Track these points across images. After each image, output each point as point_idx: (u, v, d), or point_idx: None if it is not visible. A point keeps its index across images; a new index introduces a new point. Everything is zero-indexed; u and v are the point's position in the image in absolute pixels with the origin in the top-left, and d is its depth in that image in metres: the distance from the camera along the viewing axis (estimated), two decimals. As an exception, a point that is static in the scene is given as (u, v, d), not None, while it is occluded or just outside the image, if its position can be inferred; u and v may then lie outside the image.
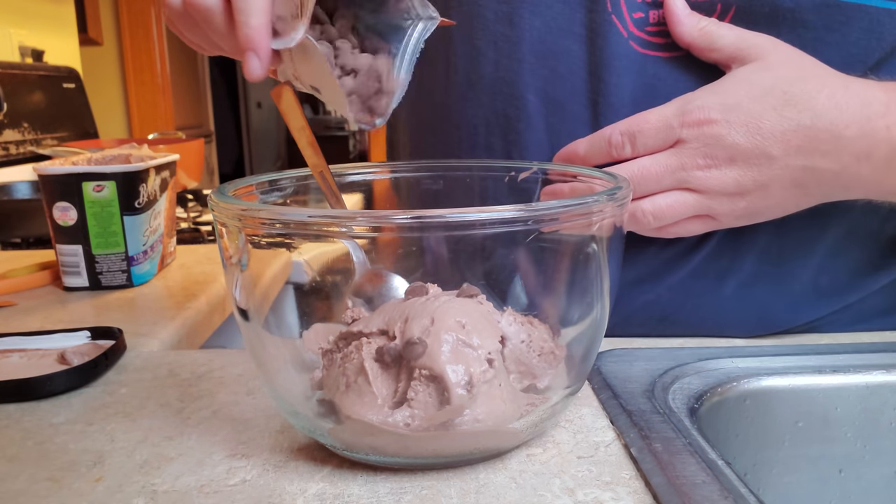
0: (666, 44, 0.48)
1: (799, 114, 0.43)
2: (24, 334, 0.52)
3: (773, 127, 0.43)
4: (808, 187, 0.44)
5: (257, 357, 0.37)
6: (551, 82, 0.50)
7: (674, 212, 0.45)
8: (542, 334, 0.37)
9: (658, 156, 0.45)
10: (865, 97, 0.43)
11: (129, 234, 0.69)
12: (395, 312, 0.35)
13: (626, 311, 0.53)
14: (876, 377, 0.45)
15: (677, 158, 0.44)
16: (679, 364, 0.45)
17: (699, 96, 0.44)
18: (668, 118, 0.44)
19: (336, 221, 0.31)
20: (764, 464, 0.45)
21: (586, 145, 0.48)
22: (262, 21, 0.34)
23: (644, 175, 0.45)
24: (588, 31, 0.49)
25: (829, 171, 0.43)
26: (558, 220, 0.32)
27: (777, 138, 0.43)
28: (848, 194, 0.46)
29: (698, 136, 0.44)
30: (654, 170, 0.45)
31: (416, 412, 0.32)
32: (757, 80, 0.44)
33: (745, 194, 0.44)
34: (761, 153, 0.43)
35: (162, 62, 3.17)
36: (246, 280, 0.35)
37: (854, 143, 0.43)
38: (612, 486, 0.32)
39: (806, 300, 0.52)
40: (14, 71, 1.59)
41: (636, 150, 0.45)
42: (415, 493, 0.32)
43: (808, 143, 0.43)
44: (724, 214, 0.46)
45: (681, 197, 0.45)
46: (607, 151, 0.46)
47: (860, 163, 0.43)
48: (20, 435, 0.39)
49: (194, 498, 0.32)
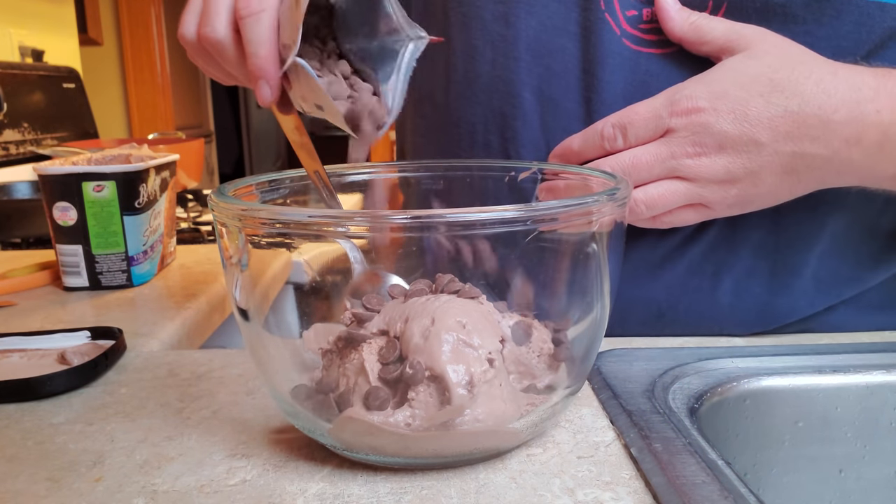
0: (658, 41, 0.49)
1: (786, 99, 0.43)
2: (24, 334, 0.52)
3: (761, 113, 0.43)
4: (800, 173, 0.45)
5: (257, 357, 0.37)
6: (546, 80, 0.51)
7: (665, 200, 0.46)
8: (542, 334, 0.37)
9: (648, 146, 0.46)
10: (854, 82, 0.43)
11: (129, 234, 0.69)
12: (395, 312, 0.35)
13: (624, 307, 0.53)
14: (876, 377, 0.45)
15: (667, 147, 0.45)
16: (679, 364, 0.45)
17: (687, 86, 0.45)
18: (657, 109, 0.45)
19: (336, 221, 0.31)
20: (764, 464, 0.45)
21: (580, 140, 0.48)
22: (270, 51, 0.37)
23: (635, 165, 0.45)
24: (582, 29, 0.50)
25: (819, 156, 0.44)
26: (558, 219, 0.32)
27: (765, 124, 0.43)
28: (841, 180, 0.46)
29: (687, 125, 0.44)
30: (645, 159, 0.45)
31: (416, 412, 0.32)
32: (744, 69, 0.44)
33: (735, 181, 0.45)
34: (749, 140, 0.43)
35: (162, 62, 3.17)
36: (246, 280, 0.35)
37: (843, 127, 0.43)
38: (612, 486, 0.32)
39: (804, 295, 0.52)
40: (14, 71, 1.59)
41: (628, 141, 0.46)
42: (415, 493, 0.32)
43: (797, 128, 0.43)
44: (716, 202, 0.46)
45: (672, 186, 0.46)
46: (600, 144, 0.47)
47: (850, 147, 0.43)
48: (20, 435, 0.39)
49: (194, 498, 0.32)
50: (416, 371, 0.31)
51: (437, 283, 0.37)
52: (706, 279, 0.52)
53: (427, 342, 0.32)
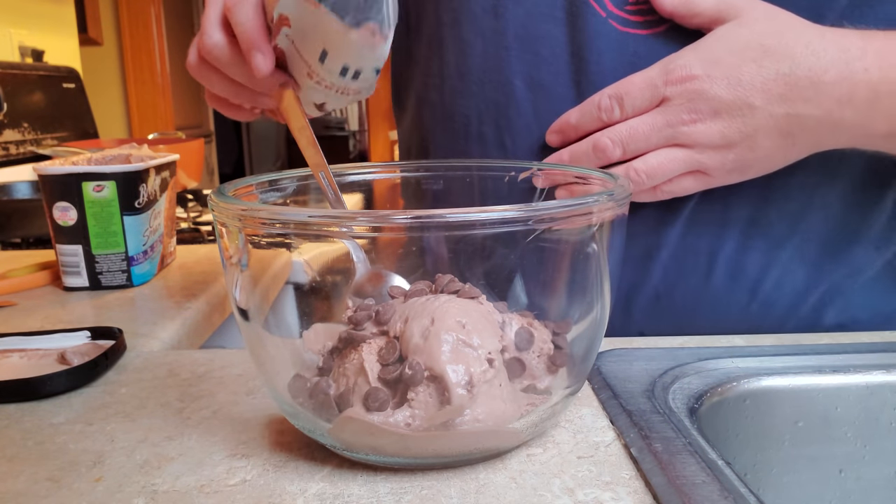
0: (645, 21, 0.49)
1: (777, 63, 0.44)
2: (24, 334, 0.52)
3: (754, 78, 0.44)
4: (795, 136, 0.46)
5: (257, 357, 0.37)
6: (535, 66, 0.52)
7: (665, 169, 0.47)
8: (542, 335, 0.37)
9: (645, 116, 0.47)
10: (842, 43, 0.44)
11: (129, 234, 0.69)
12: (396, 312, 0.35)
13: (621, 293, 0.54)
14: (876, 377, 0.45)
15: (663, 116, 0.46)
16: (679, 364, 0.45)
17: (681, 55, 0.46)
18: (652, 78, 0.46)
19: (336, 221, 0.31)
20: (764, 464, 0.45)
21: (577, 114, 0.49)
22: (256, 23, 0.40)
23: (633, 135, 0.47)
24: (568, 14, 0.51)
25: (813, 117, 0.45)
26: (558, 220, 0.32)
27: (758, 88, 0.44)
28: (834, 142, 0.47)
29: (682, 93, 0.45)
30: (643, 129, 0.46)
31: (416, 412, 0.32)
32: (735, 36, 0.45)
33: (732, 146, 0.46)
34: (743, 104, 0.45)
35: (162, 62, 3.17)
36: (246, 280, 0.35)
37: (834, 87, 0.44)
38: (612, 486, 0.32)
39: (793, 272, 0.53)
40: (14, 71, 1.59)
41: (625, 112, 0.47)
42: (415, 493, 0.32)
43: (789, 90, 0.44)
44: (714, 168, 0.47)
45: (671, 154, 0.47)
46: (598, 116, 0.48)
47: (842, 107, 0.45)
48: (20, 435, 0.39)
49: (194, 498, 0.32)
50: (416, 372, 0.31)
51: (437, 283, 0.37)
52: (700, 259, 0.53)
53: (427, 342, 0.32)
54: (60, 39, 1.96)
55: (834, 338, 0.52)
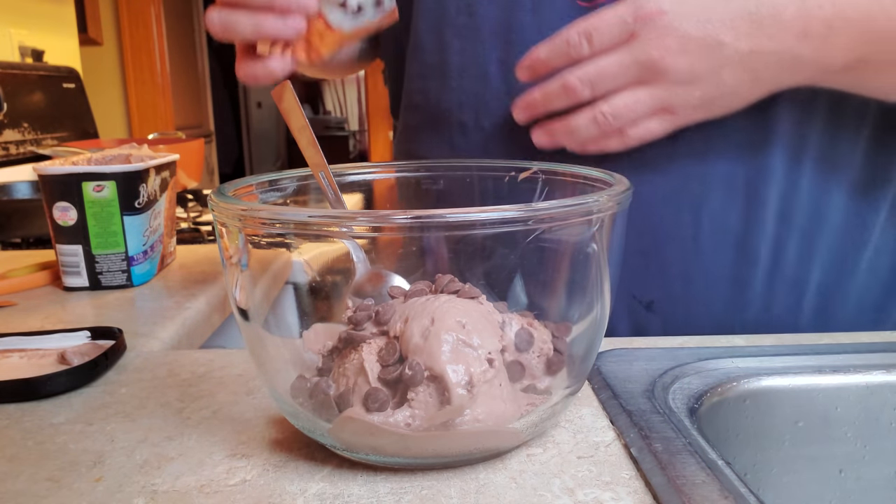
0: None
1: (744, 1, 0.46)
2: (24, 334, 0.52)
3: (722, 15, 0.46)
4: (758, 72, 0.47)
5: (257, 357, 0.37)
6: (507, 51, 0.54)
7: (630, 110, 0.48)
8: (542, 335, 0.37)
9: (613, 54, 0.48)
10: None
11: (129, 234, 0.69)
12: (396, 312, 0.34)
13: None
14: (876, 377, 0.45)
15: (630, 54, 0.47)
16: (679, 364, 0.45)
17: None
18: (622, 14, 0.47)
19: (336, 221, 0.31)
20: (764, 464, 0.45)
21: (547, 49, 0.50)
22: None
23: (601, 73, 0.48)
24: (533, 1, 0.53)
25: (775, 53, 0.47)
26: (558, 220, 0.32)
27: (727, 25, 0.46)
28: (794, 79, 0.49)
29: (651, 29, 0.46)
30: (611, 70, 0.47)
31: (416, 412, 0.32)
32: None
33: (698, 82, 0.47)
34: (713, 40, 0.46)
35: (162, 62, 3.17)
36: (246, 280, 0.35)
37: (792, 24, 0.46)
38: (612, 486, 0.32)
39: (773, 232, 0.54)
40: (14, 71, 1.59)
41: (594, 47, 0.48)
42: (415, 493, 0.32)
43: (755, 28, 0.46)
44: (680, 106, 0.48)
45: (636, 94, 0.48)
46: (566, 52, 0.49)
47: (800, 42, 0.46)
48: (20, 435, 0.39)
49: (194, 498, 0.32)
50: (416, 372, 0.31)
51: (437, 283, 0.37)
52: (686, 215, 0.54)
53: (427, 342, 0.32)
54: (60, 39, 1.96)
55: (834, 338, 0.52)
